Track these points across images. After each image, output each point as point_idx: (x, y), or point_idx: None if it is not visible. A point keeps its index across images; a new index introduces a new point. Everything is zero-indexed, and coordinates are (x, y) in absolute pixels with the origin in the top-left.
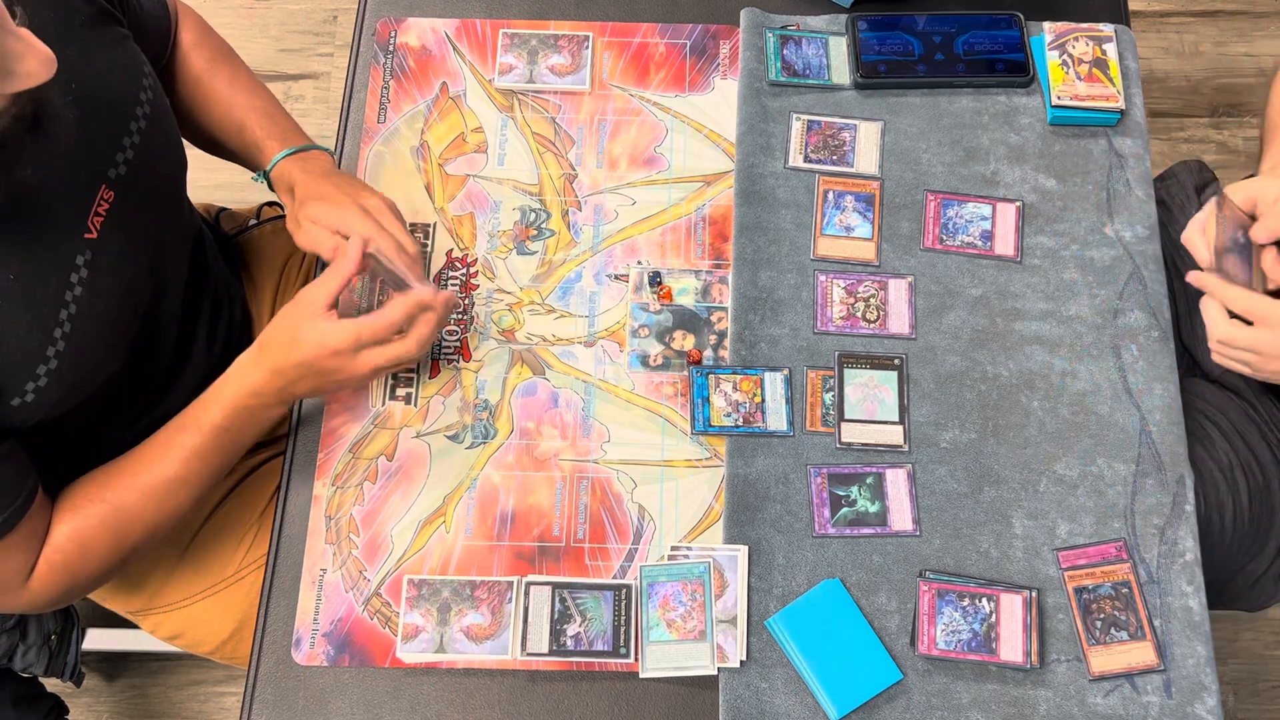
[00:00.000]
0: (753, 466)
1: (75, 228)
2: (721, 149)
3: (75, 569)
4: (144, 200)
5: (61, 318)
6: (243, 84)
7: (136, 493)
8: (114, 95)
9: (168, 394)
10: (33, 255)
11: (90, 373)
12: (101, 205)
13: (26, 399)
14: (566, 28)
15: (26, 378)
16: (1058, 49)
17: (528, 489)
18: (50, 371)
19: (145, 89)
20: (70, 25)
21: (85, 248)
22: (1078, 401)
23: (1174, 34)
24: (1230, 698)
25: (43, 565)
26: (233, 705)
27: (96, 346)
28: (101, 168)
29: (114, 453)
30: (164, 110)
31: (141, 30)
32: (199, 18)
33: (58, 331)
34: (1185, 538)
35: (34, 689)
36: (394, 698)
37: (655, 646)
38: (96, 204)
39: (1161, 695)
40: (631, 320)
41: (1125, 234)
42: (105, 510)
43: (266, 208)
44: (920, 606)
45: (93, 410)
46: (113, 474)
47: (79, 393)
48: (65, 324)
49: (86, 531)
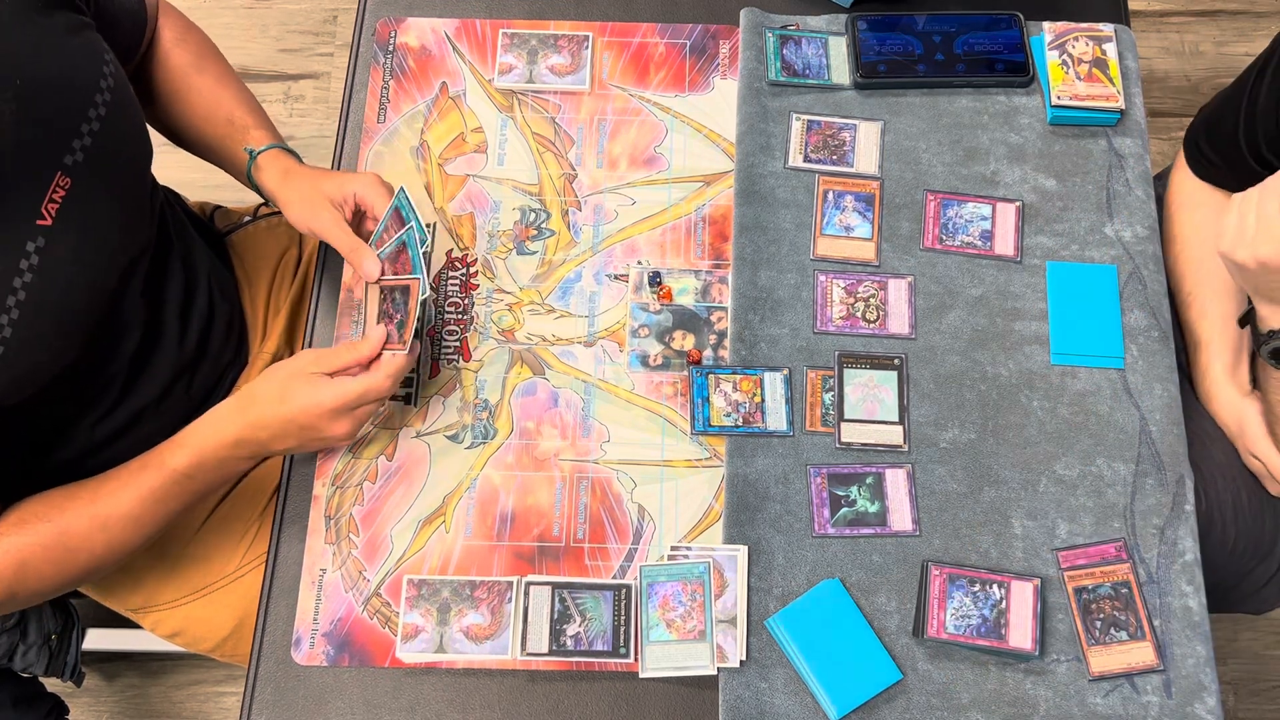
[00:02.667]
0: (753, 466)
1: (26, 215)
2: (721, 149)
3: (8, 586)
4: (105, 188)
5: (9, 304)
6: (230, 82)
7: (87, 520)
8: (69, 82)
9: (137, 385)
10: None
11: (44, 361)
12: (57, 192)
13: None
14: (566, 28)
15: None
16: (1058, 49)
17: (528, 489)
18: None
19: (105, 76)
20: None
21: (37, 234)
22: (1078, 401)
23: (1174, 34)
24: (1230, 698)
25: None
26: (233, 705)
27: (52, 334)
28: (55, 155)
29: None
30: (128, 99)
31: (109, 20)
32: (181, 16)
33: (3, 318)
34: (1185, 538)
35: (34, 689)
36: (394, 698)
37: (655, 646)
38: (51, 190)
39: (1161, 695)
40: (631, 320)
41: (1125, 234)
42: (51, 532)
43: (262, 206)
44: (930, 591)
45: (58, 402)
46: (68, 497)
47: (31, 381)
48: (12, 310)
49: (28, 549)
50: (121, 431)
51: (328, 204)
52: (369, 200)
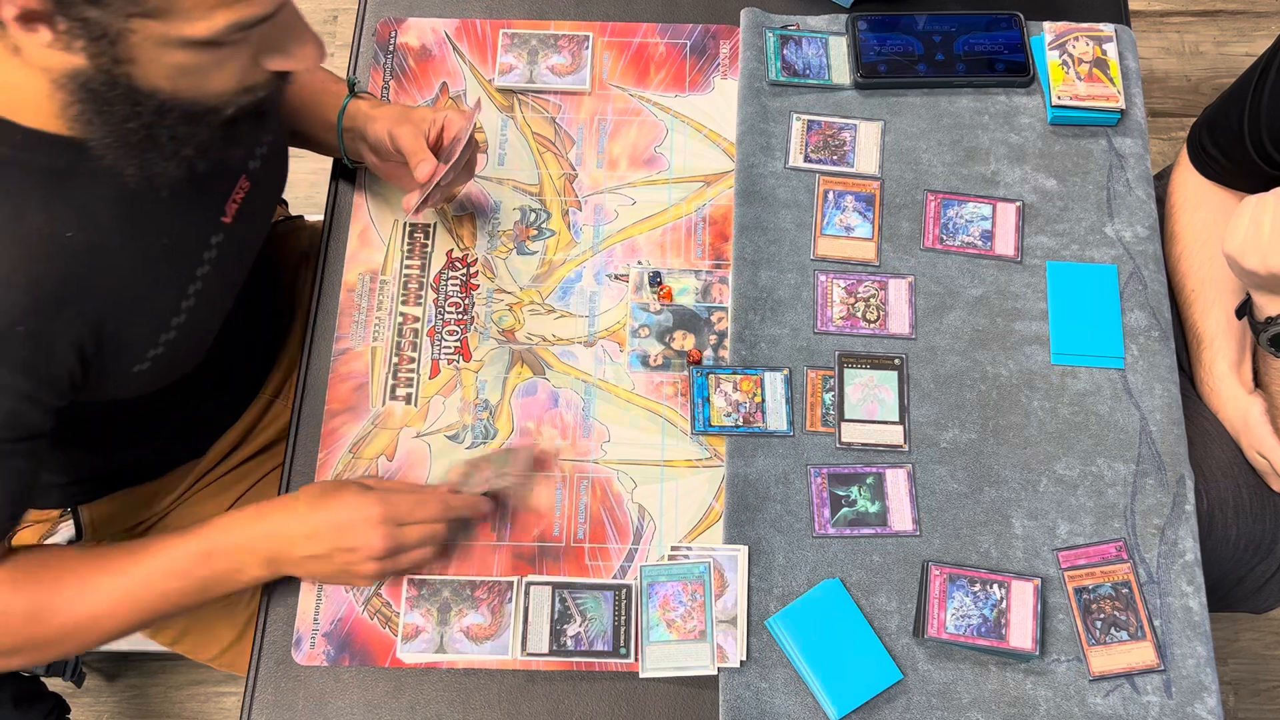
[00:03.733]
0: (753, 466)
1: (216, 211)
2: (721, 149)
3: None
4: (267, 197)
5: (189, 291)
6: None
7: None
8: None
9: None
10: (186, 225)
11: (196, 347)
12: (239, 194)
13: (144, 366)
14: (566, 28)
15: (151, 343)
16: (1058, 49)
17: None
18: (169, 341)
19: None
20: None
21: (220, 230)
22: (1078, 401)
23: (1174, 34)
24: (1230, 698)
25: None
26: (233, 705)
27: (207, 324)
28: (246, 158)
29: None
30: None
31: None
32: None
33: (185, 303)
34: (1185, 538)
35: (35, 688)
36: (394, 698)
37: (655, 646)
38: (235, 192)
39: (1161, 695)
40: (631, 320)
41: (1125, 234)
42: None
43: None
44: (930, 590)
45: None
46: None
47: (181, 367)
48: (191, 297)
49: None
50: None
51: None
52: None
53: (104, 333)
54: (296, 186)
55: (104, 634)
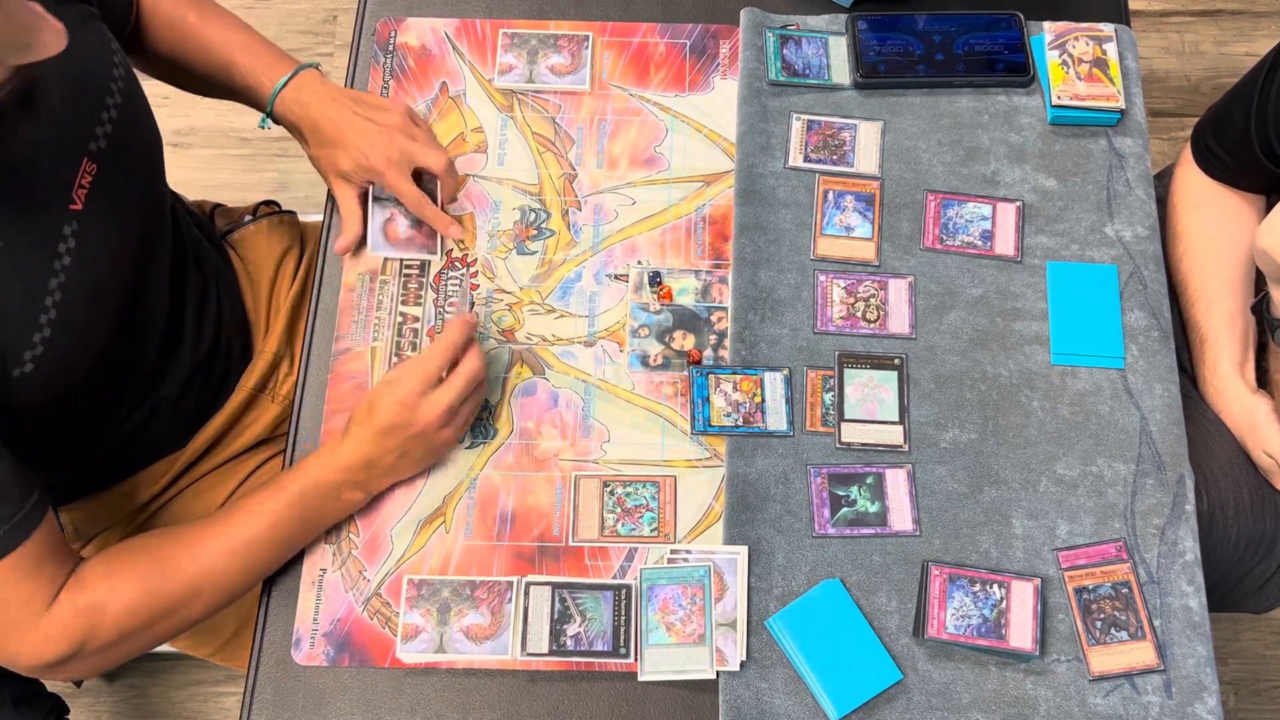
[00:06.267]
0: (753, 466)
1: (60, 199)
2: (721, 149)
3: (101, 615)
4: (124, 174)
5: (51, 286)
6: (214, 20)
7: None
8: (89, 70)
9: (161, 379)
10: (22, 225)
11: (83, 344)
12: (85, 178)
13: (25, 369)
14: (566, 27)
15: (24, 345)
16: (1058, 49)
17: (528, 489)
18: (45, 340)
19: (116, 65)
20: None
21: (71, 218)
22: (1078, 401)
23: (1174, 34)
24: (1230, 698)
25: (63, 604)
26: (233, 705)
27: (87, 318)
28: (83, 141)
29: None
30: (135, 86)
31: (107, 6)
32: None
33: (48, 300)
34: (1185, 538)
35: (35, 689)
36: (394, 698)
37: (654, 650)
38: (80, 176)
39: (1161, 695)
40: (631, 320)
41: (1125, 234)
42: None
43: (262, 205)
44: (930, 590)
45: (91, 393)
46: (159, 533)
47: (74, 367)
48: (55, 293)
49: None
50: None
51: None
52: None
53: None
54: (296, 186)
55: (225, 590)
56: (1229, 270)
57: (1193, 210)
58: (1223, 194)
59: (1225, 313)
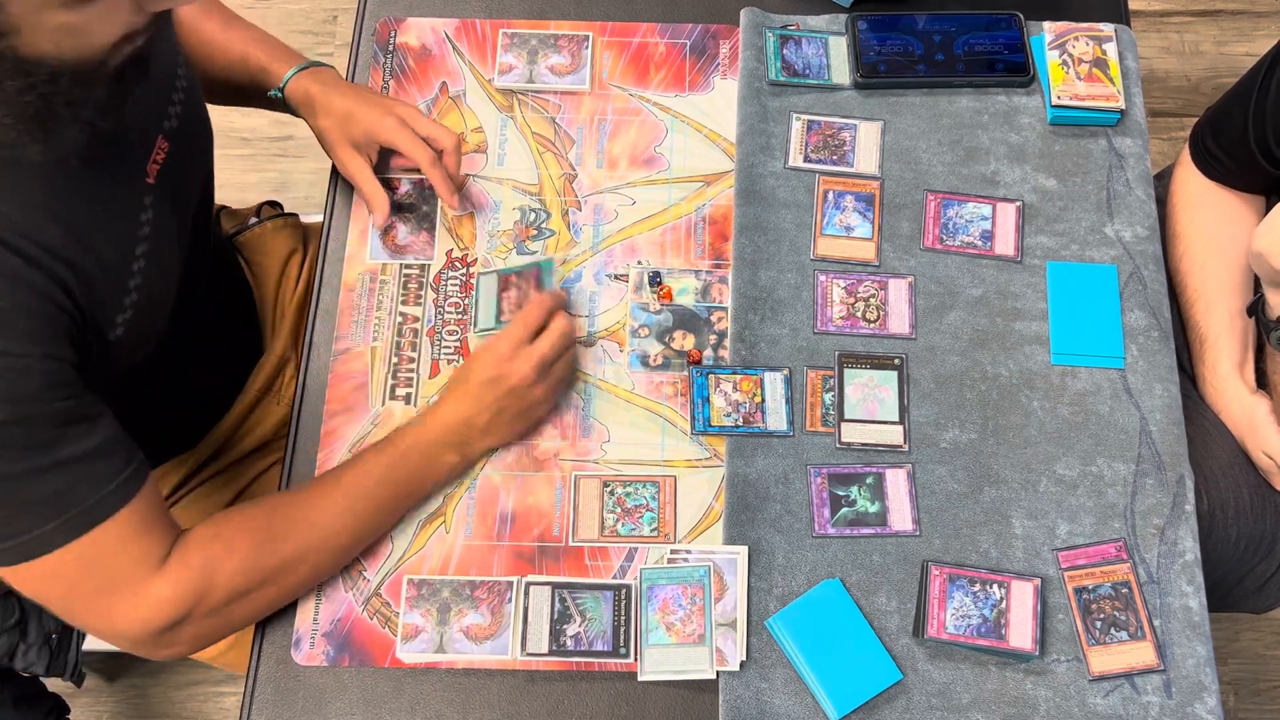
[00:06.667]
0: (753, 466)
1: (141, 171)
2: (721, 149)
3: (213, 573)
4: (188, 157)
5: (138, 253)
6: (235, 23)
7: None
8: (164, 50)
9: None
10: (117, 190)
11: (154, 318)
12: (159, 154)
13: (118, 332)
14: (566, 27)
15: (116, 308)
16: (1058, 49)
17: (528, 489)
18: (133, 304)
19: (179, 50)
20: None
21: (149, 190)
22: (1078, 401)
23: (1174, 34)
24: (1230, 698)
25: (175, 562)
26: (233, 705)
27: (162, 290)
28: (160, 119)
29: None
30: (193, 73)
31: None
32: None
33: (134, 265)
34: (1185, 538)
35: (35, 689)
36: (394, 698)
37: (654, 650)
38: (155, 151)
39: (1161, 695)
40: (631, 320)
41: (1125, 234)
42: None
43: (266, 206)
44: (930, 590)
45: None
46: (263, 498)
47: (145, 340)
48: (140, 259)
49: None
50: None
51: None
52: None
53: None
54: (296, 186)
55: (331, 553)
56: (1228, 271)
57: (1192, 210)
58: (1222, 194)
59: (1225, 313)
